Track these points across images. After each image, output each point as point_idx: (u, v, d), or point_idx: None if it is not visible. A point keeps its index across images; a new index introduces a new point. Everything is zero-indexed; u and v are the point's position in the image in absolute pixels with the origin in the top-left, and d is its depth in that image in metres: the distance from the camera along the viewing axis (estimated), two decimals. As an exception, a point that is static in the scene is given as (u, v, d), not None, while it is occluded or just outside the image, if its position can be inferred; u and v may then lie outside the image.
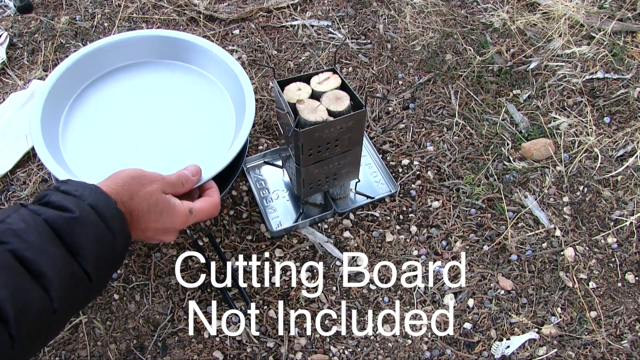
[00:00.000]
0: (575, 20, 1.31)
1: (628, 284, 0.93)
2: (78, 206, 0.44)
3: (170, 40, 1.00)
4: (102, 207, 0.45)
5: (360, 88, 1.22)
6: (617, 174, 1.06)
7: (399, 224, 1.00)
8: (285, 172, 1.05)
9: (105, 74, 0.99)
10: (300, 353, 0.86)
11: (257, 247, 0.97)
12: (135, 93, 0.97)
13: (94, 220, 0.44)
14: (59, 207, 0.44)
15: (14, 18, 1.38)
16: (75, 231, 0.43)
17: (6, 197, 1.05)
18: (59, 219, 0.43)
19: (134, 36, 1.00)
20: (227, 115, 0.93)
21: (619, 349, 0.86)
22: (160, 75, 1.00)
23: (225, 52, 0.97)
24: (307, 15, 1.37)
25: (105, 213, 0.45)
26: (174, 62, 1.02)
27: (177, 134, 0.92)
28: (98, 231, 0.44)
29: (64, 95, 0.94)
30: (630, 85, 1.20)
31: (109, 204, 0.46)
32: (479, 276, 0.94)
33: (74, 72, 0.95)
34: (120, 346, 0.87)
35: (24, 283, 0.39)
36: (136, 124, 0.93)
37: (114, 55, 0.99)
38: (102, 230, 0.45)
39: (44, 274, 0.40)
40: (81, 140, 0.91)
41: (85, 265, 0.43)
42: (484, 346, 0.87)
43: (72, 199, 0.45)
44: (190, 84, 0.99)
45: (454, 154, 1.09)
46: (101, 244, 0.44)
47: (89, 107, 0.95)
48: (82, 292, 0.44)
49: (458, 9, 1.38)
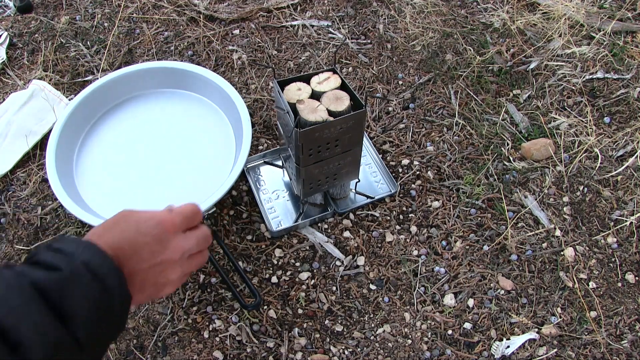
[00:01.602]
0: (575, 20, 1.31)
1: (628, 284, 0.93)
2: (69, 264, 0.40)
3: (173, 71, 1.07)
4: (97, 264, 0.41)
5: (360, 88, 1.22)
6: (617, 174, 1.06)
7: (399, 224, 1.00)
8: (285, 172, 1.05)
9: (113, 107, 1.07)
10: (300, 353, 0.86)
11: (257, 247, 0.97)
12: (144, 122, 1.05)
13: (87, 279, 0.40)
14: (48, 266, 0.40)
15: (14, 18, 1.38)
16: (65, 292, 0.38)
17: (6, 197, 1.05)
18: (46, 279, 0.38)
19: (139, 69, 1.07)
20: (227, 141, 1.01)
21: (619, 349, 0.86)
22: (165, 103, 1.07)
23: (222, 80, 1.03)
24: (307, 15, 1.37)
25: (100, 271, 0.41)
26: (177, 91, 1.09)
27: (180, 158, 0.99)
28: (92, 292, 0.40)
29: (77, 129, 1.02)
30: (630, 85, 1.20)
31: (104, 261, 0.42)
32: (479, 276, 0.94)
33: (84, 108, 1.03)
34: (120, 346, 0.87)
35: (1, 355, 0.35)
36: (145, 151, 1.01)
37: (121, 89, 1.07)
38: (97, 291, 0.40)
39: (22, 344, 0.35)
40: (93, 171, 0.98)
41: (75, 332, 0.38)
42: (484, 346, 0.87)
43: (63, 257, 0.40)
44: (192, 110, 1.06)
45: (454, 154, 1.09)
46: (95, 307, 0.40)
47: (101, 140, 1.02)
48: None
49: (458, 9, 1.38)
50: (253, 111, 1.17)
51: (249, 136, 0.93)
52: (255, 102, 1.18)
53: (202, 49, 1.28)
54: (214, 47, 1.29)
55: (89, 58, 1.28)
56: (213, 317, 0.89)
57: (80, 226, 1.00)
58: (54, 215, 1.02)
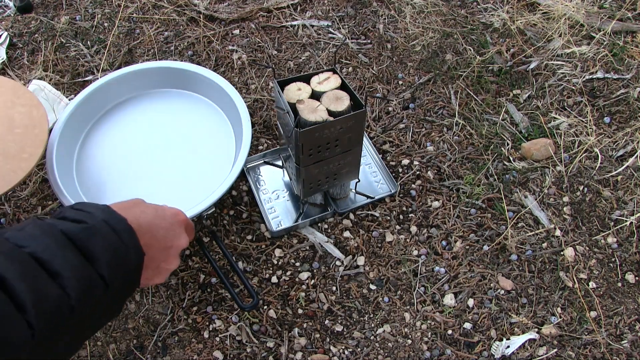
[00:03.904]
0: (575, 20, 1.31)
1: (628, 284, 0.93)
2: (92, 219, 0.46)
3: (173, 71, 1.07)
4: (114, 222, 0.47)
5: (360, 88, 1.22)
6: (617, 174, 1.06)
7: (399, 224, 1.00)
8: (285, 172, 1.05)
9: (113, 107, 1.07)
10: (300, 353, 0.86)
11: (257, 247, 0.97)
12: (144, 122, 1.05)
13: (107, 231, 0.46)
14: (73, 220, 0.46)
15: (14, 18, 1.38)
16: (90, 240, 0.45)
17: (6, 197, 1.05)
18: (73, 228, 0.45)
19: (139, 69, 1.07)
20: (227, 140, 1.00)
21: (619, 349, 0.86)
22: (165, 103, 1.07)
23: (222, 79, 1.03)
24: (307, 15, 1.37)
25: (117, 227, 0.47)
26: (177, 91, 1.09)
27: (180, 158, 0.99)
28: (111, 242, 0.46)
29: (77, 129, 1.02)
30: (630, 85, 1.19)
31: (121, 220, 0.48)
32: (479, 276, 0.94)
33: (84, 108, 1.03)
34: (120, 346, 0.87)
35: (41, 278, 0.40)
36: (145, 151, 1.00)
37: (121, 89, 1.07)
38: (116, 241, 0.46)
39: (60, 274, 0.41)
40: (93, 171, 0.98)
41: (100, 271, 0.44)
42: (484, 346, 0.87)
43: (86, 214, 0.47)
44: (193, 110, 1.06)
45: (454, 154, 1.09)
46: (115, 254, 0.46)
47: (101, 140, 1.02)
48: (99, 298, 0.45)
49: (458, 9, 1.38)
50: (253, 111, 1.17)
51: (249, 136, 0.93)
52: (255, 102, 1.18)
53: (202, 49, 1.28)
54: (214, 47, 1.29)
55: (89, 58, 1.28)
56: (213, 317, 0.89)
57: (80, 226, 1.00)
58: (54, 215, 1.02)
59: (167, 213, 0.58)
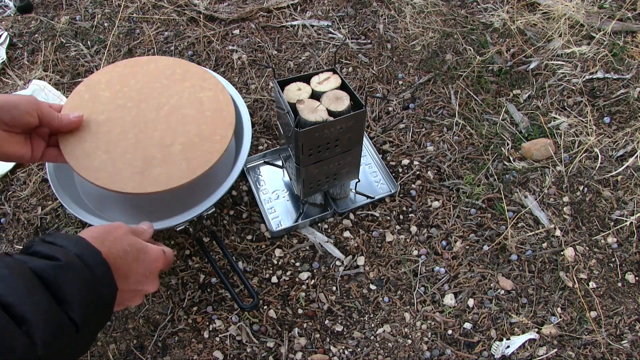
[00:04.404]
0: (575, 20, 1.31)
1: (628, 284, 0.93)
2: (64, 255, 0.44)
3: None
4: (88, 256, 0.46)
5: (360, 88, 1.22)
6: (617, 174, 1.06)
7: (399, 224, 1.00)
8: (285, 172, 1.05)
9: None
10: (300, 353, 0.86)
11: (257, 247, 0.97)
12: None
13: (80, 268, 0.44)
14: (44, 256, 0.44)
15: (14, 18, 1.38)
16: (61, 278, 0.42)
17: (6, 197, 1.05)
18: (44, 266, 0.43)
19: None
20: None
21: (619, 349, 0.86)
22: None
23: (222, 79, 1.01)
24: (307, 15, 1.37)
25: (90, 261, 0.46)
26: None
27: None
28: (84, 279, 0.44)
29: None
30: (630, 85, 1.20)
31: (94, 254, 0.47)
32: (479, 276, 0.94)
33: None
34: (120, 346, 0.87)
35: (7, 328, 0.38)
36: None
37: None
38: (89, 277, 0.45)
39: (27, 319, 0.39)
40: None
41: (71, 314, 0.42)
42: (484, 346, 0.87)
43: (58, 248, 0.45)
44: None
45: (454, 154, 1.09)
46: (88, 292, 0.44)
47: None
48: (68, 343, 0.42)
49: (458, 9, 1.38)
50: (253, 111, 1.17)
51: (249, 136, 0.93)
52: (255, 102, 1.18)
53: (202, 49, 1.28)
54: (214, 47, 1.29)
55: (89, 58, 1.28)
56: (213, 317, 0.89)
57: (80, 226, 1.00)
58: (54, 215, 1.02)
59: (148, 258, 0.57)
